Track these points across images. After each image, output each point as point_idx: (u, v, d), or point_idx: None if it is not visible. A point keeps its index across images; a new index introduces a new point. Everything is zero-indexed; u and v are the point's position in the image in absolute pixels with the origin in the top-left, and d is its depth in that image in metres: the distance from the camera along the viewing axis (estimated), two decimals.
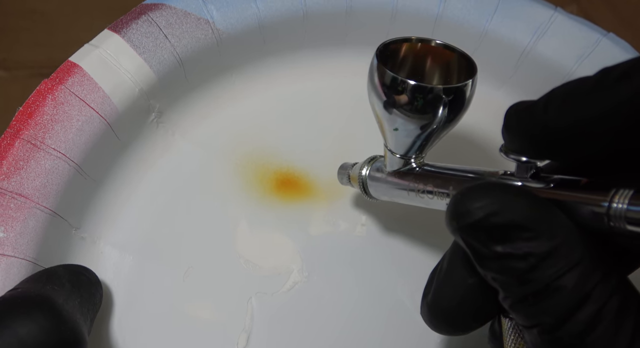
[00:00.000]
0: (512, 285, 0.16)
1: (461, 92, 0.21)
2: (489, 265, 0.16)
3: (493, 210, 0.15)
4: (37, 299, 0.19)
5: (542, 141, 0.17)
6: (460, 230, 0.16)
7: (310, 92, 0.31)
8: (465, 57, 0.22)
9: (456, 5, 0.30)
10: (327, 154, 0.30)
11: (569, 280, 0.15)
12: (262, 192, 0.28)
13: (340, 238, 0.28)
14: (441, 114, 0.21)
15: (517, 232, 0.15)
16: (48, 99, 0.24)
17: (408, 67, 0.23)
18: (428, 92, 0.20)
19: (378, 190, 0.25)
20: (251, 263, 0.27)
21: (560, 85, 0.17)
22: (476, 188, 0.16)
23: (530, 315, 0.16)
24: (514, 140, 0.18)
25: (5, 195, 0.22)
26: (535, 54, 0.30)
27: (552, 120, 0.16)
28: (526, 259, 0.15)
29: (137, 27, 0.26)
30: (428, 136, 0.22)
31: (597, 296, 0.14)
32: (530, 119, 0.17)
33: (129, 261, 0.26)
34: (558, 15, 0.30)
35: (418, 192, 0.22)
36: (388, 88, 0.21)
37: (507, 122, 0.18)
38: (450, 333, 0.21)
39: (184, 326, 0.25)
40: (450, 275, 0.19)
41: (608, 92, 0.15)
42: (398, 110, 0.21)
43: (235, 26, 0.28)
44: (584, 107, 0.15)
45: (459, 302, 0.19)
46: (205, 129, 0.29)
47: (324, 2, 0.30)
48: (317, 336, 0.26)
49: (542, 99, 0.17)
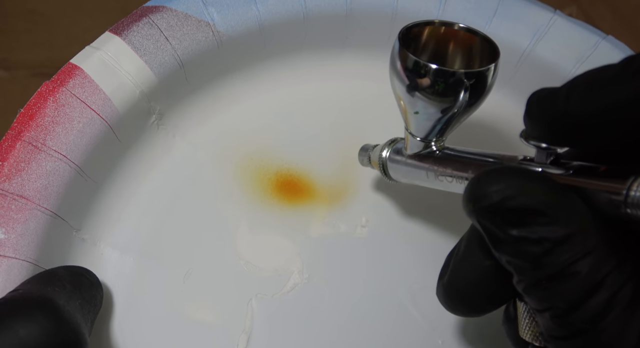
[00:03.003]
0: (526, 269, 0.16)
1: (483, 77, 0.21)
2: (504, 248, 0.16)
3: (509, 194, 0.16)
4: (38, 300, 0.19)
5: (562, 129, 0.17)
6: (476, 213, 0.17)
7: (311, 93, 0.31)
8: (488, 41, 0.22)
9: (455, 7, 0.30)
10: (328, 156, 0.30)
11: (583, 266, 0.15)
12: (262, 193, 0.29)
13: (340, 240, 0.28)
14: (462, 98, 0.21)
15: (533, 217, 0.15)
16: (49, 100, 0.24)
17: (430, 51, 0.23)
18: (450, 76, 0.20)
19: (398, 172, 0.26)
20: (251, 264, 0.27)
21: (582, 73, 0.17)
22: (493, 172, 0.16)
23: (543, 299, 0.16)
24: (535, 127, 0.18)
25: (7, 196, 0.22)
26: (534, 56, 0.30)
27: (574, 108, 0.16)
28: (541, 244, 0.15)
29: (138, 29, 0.26)
30: (449, 120, 0.22)
31: (611, 283, 0.14)
32: (552, 106, 0.17)
33: (130, 262, 0.26)
34: (557, 17, 0.30)
35: (437, 175, 0.23)
36: (410, 72, 0.21)
37: (529, 109, 0.18)
38: (465, 315, 0.21)
39: (184, 327, 0.25)
40: (467, 258, 0.19)
41: (631, 81, 0.15)
42: (420, 93, 0.21)
43: (236, 28, 0.28)
44: (606, 95, 0.15)
45: (474, 284, 0.19)
46: (205, 131, 0.29)
47: (324, 5, 0.30)
48: (317, 337, 0.26)
49: (565, 87, 0.17)
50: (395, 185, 0.28)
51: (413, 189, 0.26)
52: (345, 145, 0.30)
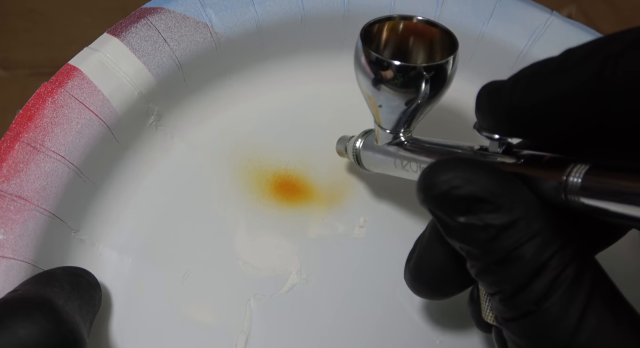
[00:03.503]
0: (476, 254, 0.16)
1: (442, 69, 0.22)
2: (454, 234, 0.17)
3: (456, 184, 0.16)
4: (37, 301, 0.19)
5: (509, 121, 0.18)
6: (427, 201, 0.17)
7: (309, 95, 0.31)
8: (448, 33, 0.23)
9: (453, 9, 0.30)
10: (326, 157, 0.30)
11: (528, 250, 0.15)
12: (260, 194, 0.29)
13: (338, 241, 0.28)
14: (424, 90, 0.22)
15: (479, 204, 0.16)
16: (48, 101, 0.24)
17: (393, 45, 0.24)
18: (410, 70, 0.21)
19: (370, 161, 0.27)
20: (249, 265, 0.27)
21: (527, 66, 0.17)
22: (442, 162, 0.17)
23: (492, 282, 0.16)
24: (484, 119, 0.19)
25: (5, 197, 0.23)
26: (531, 57, 0.30)
27: (518, 100, 0.17)
28: (487, 230, 0.16)
29: (136, 30, 0.26)
30: (413, 111, 0.23)
31: (554, 265, 0.15)
32: (499, 99, 0.18)
33: (128, 263, 0.26)
34: (554, 19, 0.30)
35: (404, 165, 0.24)
36: (372, 67, 0.22)
37: (478, 102, 0.19)
38: (431, 298, 0.22)
39: (183, 328, 0.25)
40: (431, 243, 0.20)
41: (570, 73, 0.15)
42: (384, 87, 0.22)
43: (234, 30, 0.28)
44: (547, 87, 0.16)
45: (438, 268, 0.20)
46: (204, 132, 0.30)
47: (321, 6, 0.30)
48: (315, 338, 0.26)
49: (510, 80, 0.17)
50: (394, 186, 0.28)
51: (411, 189, 0.26)
52: None
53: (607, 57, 0.15)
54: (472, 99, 0.19)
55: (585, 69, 0.15)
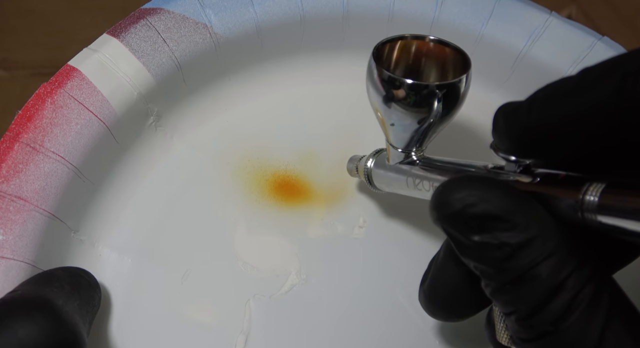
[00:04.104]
0: (491, 274, 0.16)
1: (455, 88, 0.21)
2: (468, 253, 0.17)
3: (471, 202, 0.16)
4: (37, 301, 0.19)
5: (527, 142, 0.17)
6: (440, 220, 0.17)
7: (308, 95, 0.31)
8: (460, 52, 0.23)
9: (452, 9, 0.30)
10: (325, 157, 0.30)
11: (544, 269, 0.15)
12: (260, 194, 0.29)
13: (337, 241, 0.28)
14: (436, 109, 0.21)
15: (494, 223, 0.16)
16: (47, 102, 0.24)
17: (405, 64, 0.24)
18: (423, 88, 0.21)
19: (381, 181, 0.26)
20: (249, 265, 0.27)
21: (543, 87, 0.17)
22: (456, 180, 0.17)
23: (508, 302, 0.16)
24: (501, 141, 0.18)
25: (5, 198, 0.23)
26: (530, 57, 0.30)
27: (535, 121, 0.17)
28: (502, 249, 0.15)
29: (135, 31, 0.26)
30: (426, 130, 0.23)
31: (572, 285, 0.15)
32: (516, 120, 0.17)
33: (128, 264, 0.26)
34: (553, 19, 0.30)
35: (416, 184, 0.23)
36: (385, 86, 0.22)
37: (495, 124, 0.18)
38: (446, 319, 0.22)
39: (182, 328, 0.25)
40: (446, 264, 0.20)
41: (589, 92, 0.15)
42: (396, 105, 0.22)
43: (233, 30, 0.28)
44: (565, 108, 0.16)
45: (453, 290, 0.20)
46: (203, 132, 0.30)
47: (321, 7, 0.30)
48: (314, 338, 0.26)
49: (527, 101, 0.17)
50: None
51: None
52: (342, 147, 0.30)
53: (627, 73, 0.14)
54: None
55: (604, 87, 0.15)
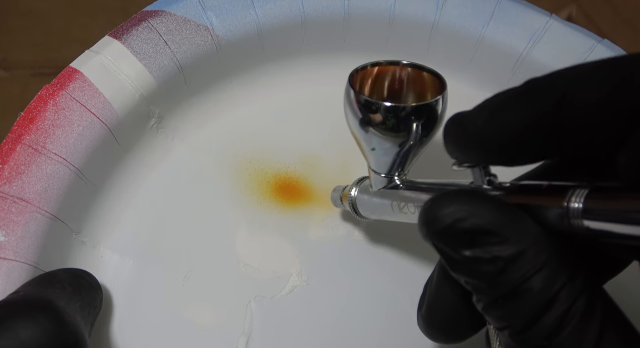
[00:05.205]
0: (483, 288, 0.16)
1: (432, 109, 0.21)
2: (459, 269, 0.16)
3: (460, 216, 0.16)
4: (39, 302, 0.19)
5: (474, 151, 0.18)
6: (430, 236, 0.17)
7: (309, 97, 0.31)
8: (436, 75, 0.23)
9: (453, 11, 0.30)
10: (326, 159, 0.30)
11: (536, 282, 0.15)
12: (261, 196, 0.29)
13: (339, 242, 0.28)
14: (415, 131, 0.22)
15: (484, 237, 0.15)
16: (49, 104, 0.24)
17: (382, 89, 0.24)
18: (400, 110, 0.21)
19: (366, 209, 0.26)
20: (250, 267, 0.27)
21: (491, 97, 0.17)
22: (444, 195, 0.16)
23: (500, 317, 0.16)
24: (450, 149, 0.19)
25: (7, 199, 0.23)
26: (531, 59, 0.30)
27: (482, 131, 0.17)
28: (494, 263, 0.15)
29: (137, 33, 0.27)
30: (406, 153, 0.23)
31: (564, 298, 0.15)
32: (464, 130, 0.17)
33: (129, 265, 0.26)
34: (553, 21, 0.30)
35: (401, 208, 0.23)
36: (362, 110, 0.22)
37: (446, 133, 0.18)
38: (447, 342, 0.21)
39: (184, 330, 0.26)
40: (440, 287, 0.19)
41: (529, 105, 0.16)
42: (375, 129, 0.22)
43: (235, 32, 0.28)
44: (507, 118, 0.16)
45: (451, 312, 0.19)
46: (204, 134, 0.30)
47: (322, 9, 0.30)
48: (315, 339, 0.26)
49: (474, 110, 0.17)
50: None
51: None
52: (343, 149, 0.30)
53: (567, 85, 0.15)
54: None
55: (546, 98, 0.15)
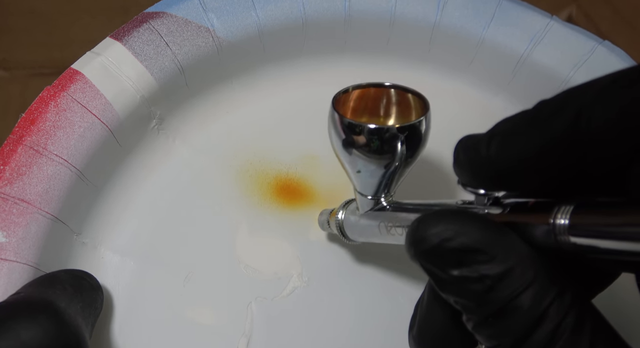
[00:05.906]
0: (472, 307, 0.16)
1: (416, 129, 0.22)
2: (448, 288, 0.16)
3: (447, 236, 0.16)
4: (40, 303, 0.19)
5: (488, 176, 0.17)
6: (417, 256, 0.17)
7: (310, 98, 0.31)
8: (418, 95, 0.23)
9: (453, 13, 0.30)
10: (327, 160, 0.30)
11: (525, 299, 0.15)
12: (262, 197, 0.29)
13: (339, 244, 0.28)
14: (400, 151, 0.22)
15: (472, 256, 0.15)
16: (50, 105, 0.24)
17: (365, 111, 0.24)
18: (384, 132, 0.21)
19: (354, 231, 0.26)
20: (251, 268, 0.27)
21: (503, 120, 0.17)
22: (431, 215, 0.16)
23: (491, 336, 0.16)
24: (463, 175, 0.18)
25: (8, 200, 0.23)
26: (532, 61, 0.30)
27: (494, 156, 0.17)
28: (482, 281, 0.15)
29: (138, 35, 0.27)
30: (392, 174, 0.23)
31: (554, 314, 0.15)
32: (476, 154, 0.17)
33: (130, 266, 0.26)
34: (554, 23, 0.30)
35: (388, 229, 0.23)
36: (347, 133, 0.22)
37: (456, 158, 0.18)
38: None
39: (184, 331, 0.26)
40: (431, 307, 0.19)
41: (545, 126, 0.15)
42: (359, 152, 0.22)
43: (236, 34, 0.28)
44: (522, 143, 0.16)
45: (442, 332, 0.19)
46: (205, 135, 0.30)
47: (323, 10, 0.30)
48: (316, 340, 0.26)
49: (486, 134, 0.17)
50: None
51: (411, 190, 0.26)
52: None
53: (581, 107, 0.14)
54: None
55: (560, 121, 0.15)
